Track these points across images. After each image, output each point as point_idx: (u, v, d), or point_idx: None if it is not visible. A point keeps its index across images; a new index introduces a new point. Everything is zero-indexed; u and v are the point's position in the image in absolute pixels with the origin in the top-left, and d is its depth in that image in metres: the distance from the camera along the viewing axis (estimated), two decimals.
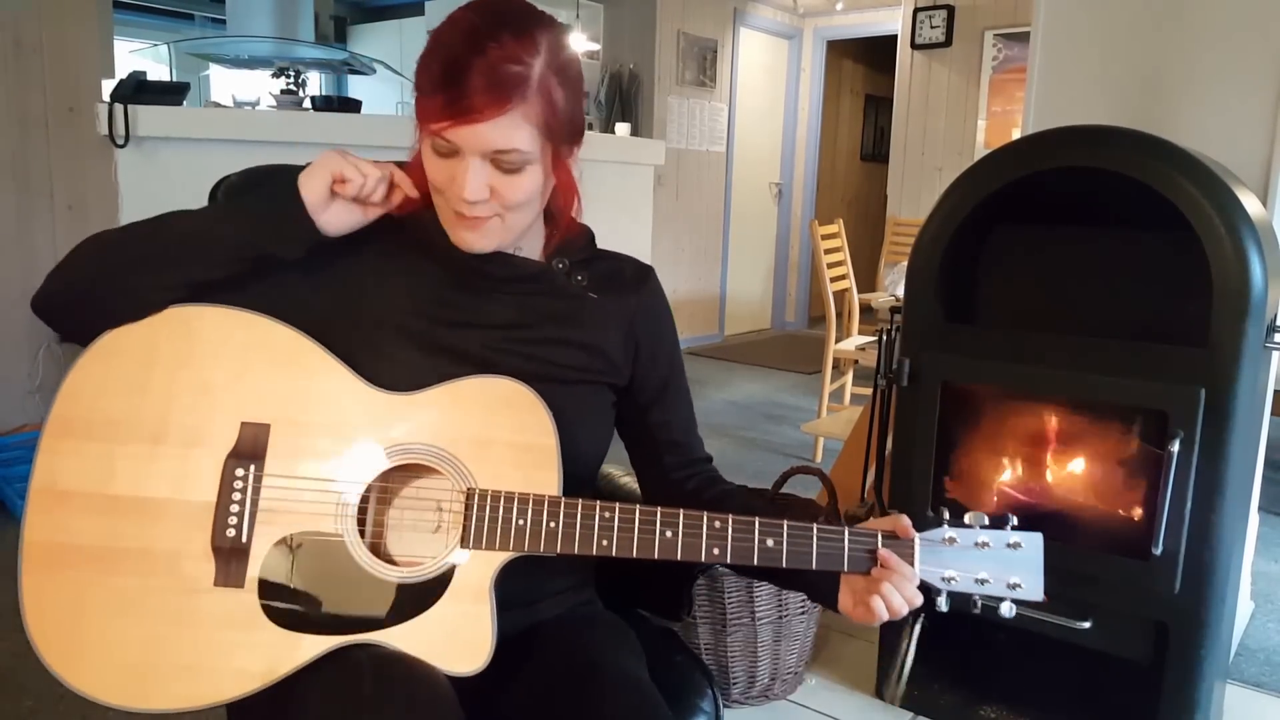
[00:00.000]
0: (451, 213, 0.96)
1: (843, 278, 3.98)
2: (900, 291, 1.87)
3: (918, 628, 1.66)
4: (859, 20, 6.63)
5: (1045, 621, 1.71)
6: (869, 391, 2.11)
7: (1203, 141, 1.88)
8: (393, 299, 1.00)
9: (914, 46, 5.69)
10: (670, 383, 1.13)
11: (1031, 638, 1.74)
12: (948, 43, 5.57)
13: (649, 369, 1.10)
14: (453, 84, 0.89)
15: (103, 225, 0.96)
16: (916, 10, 5.64)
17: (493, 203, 0.94)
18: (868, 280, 5.50)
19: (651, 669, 1.05)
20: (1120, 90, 2.12)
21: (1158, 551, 1.56)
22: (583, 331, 1.05)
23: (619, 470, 1.34)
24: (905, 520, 0.93)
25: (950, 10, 5.52)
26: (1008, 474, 1.84)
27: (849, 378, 4.15)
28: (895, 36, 5.85)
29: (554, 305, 1.05)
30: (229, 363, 0.91)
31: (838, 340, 3.75)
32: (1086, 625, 1.68)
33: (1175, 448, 1.53)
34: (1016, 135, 2.52)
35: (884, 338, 1.84)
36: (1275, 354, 1.65)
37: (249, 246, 0.93)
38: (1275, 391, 1.87)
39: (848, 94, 7.99)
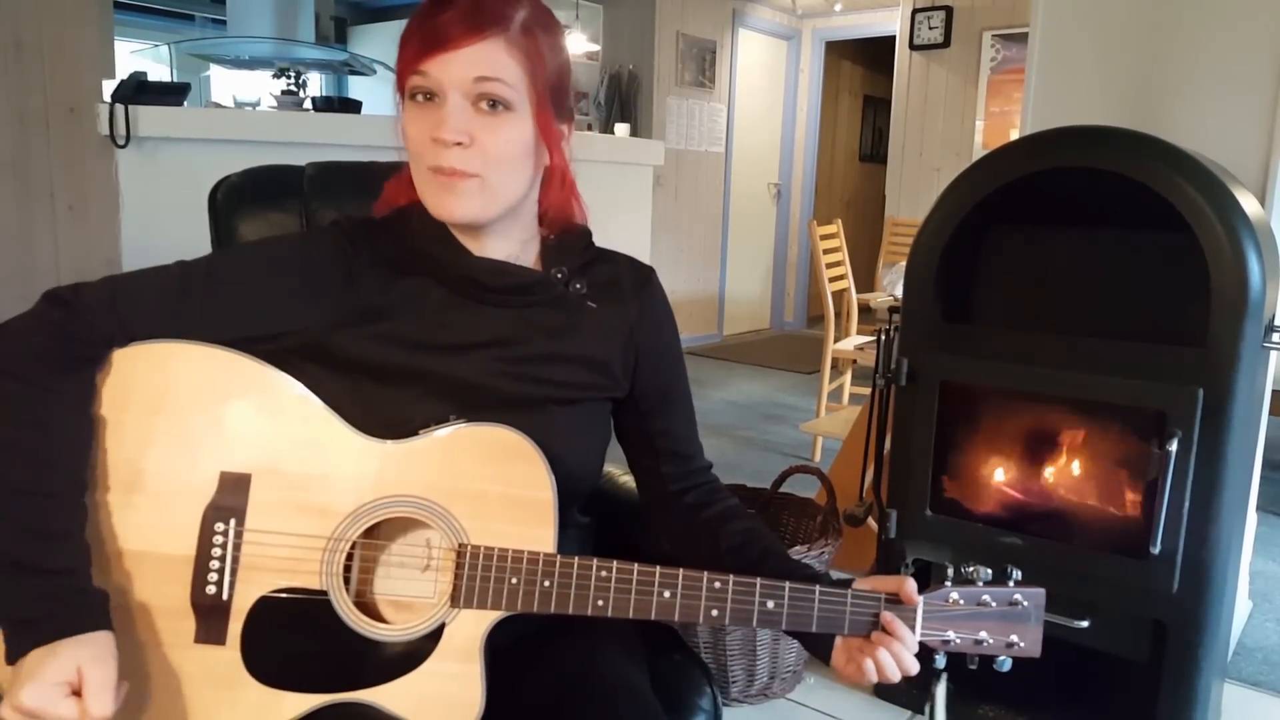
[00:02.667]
0: (430, 177, 0.91)
1: (841, 278, 3.98)
2: (899, 291, 1.87)
3: (942, 688, 1.66)
4: (857, 21, 6.63)
5: (1044, 621, 1.71)
6: (867, 391, 2.11)
7: (1201, 142, 1.89)
8: (388, 329, 0.95)
9: (912, 47, 5.70)
10: (671, 391, 1.09)
11: None
12: (946, 43, 5.57)
13: (650, 377, 1.06)
14: (430, 16, 0.88)
15: (103, 226, 0.93)
16: (915, 11, 5.64)
17: (473, 154, 0.90)
18: (866, 280, 5.51)
19: (651, 668, 1.05)
20: (1118, 90, 2.12)
21: (1156, 551, 1.56)
22: (582, 345, 1.00)
23: (619, 470, 1.32)
24: (911, 585, 0.89)
25: (948, 11, 5.53)
26: (1006, 473, 1.84)
27: (847, 377, 4.16)
28: (894, 37, 5.86)
29: (552, 317, 1.00)
30: (208, 407, 0.86)
31: (836, 340, 3.75)
32: (1085, 624, 1.68)
33: (1173, 447, 1.53)
34: (1015, 136, 2.52)
35: (882, 337, 1.85)
36: (1273, 354, 1.66)
37: None
38: (1273, 391, 1.88)
39: (846, 95, 7.99)
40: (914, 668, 0.89)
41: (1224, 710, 1.89)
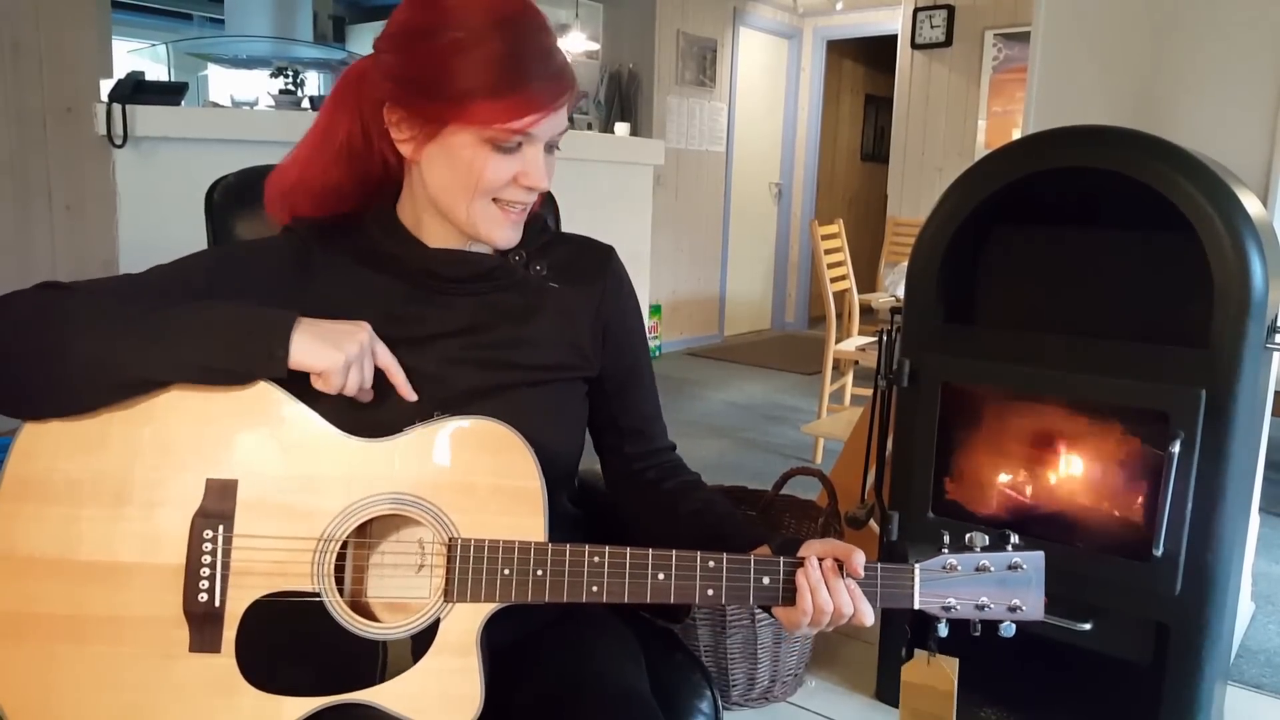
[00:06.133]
0: (494, 211, 0.94)
1: (843, 278, 3.97)
2: (900, 292, 1.86)
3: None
4: (859, 20, 6.63)
5: (1046, 623, 1.70)
6: (869, 392, 2.10)
7: (1203, 141, 1.88)
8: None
9: (914, 46, 5.69)
10: (636, 369, 1.10)
11: (1032, 639, 1.74)
12: (948, 43, 5.56)
13: (616, 356, 1.07)
14: (538, 76, 0.89)
15: (101, 226, 0.93)
16: (916, 10, 5.63)
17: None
18: (868, 280, 5.50)
19: (651, 670, 1.04)
20: (1120, 90, 2.11)
21: (1158, 553, 1.56)
22: (547, 327, 1.01)
23: None
24: (859, 558, 0.89)
25: (950, 10, 5.52)
26: (1008, 475, 1.83)
27: (849, 378, 4.15)
28: (895, 36, 5.85)
29: (514, 301, 1.01)
30: (191, 415, 0.86)
31: (838, 341, 3.74)
32: (1087, 627, 1.67)
33: (1176, 449, 1.52)
34: (1017, 135, 2.51)
35: (884, 338, 1.84)
36: (1276, 355, 1.65)
37: (206, 374, 0.85)
38: (1276, 392, 1.87)
39: (848, 94, 7.98)
40: (847, 609, 0.88)
41: (1226, 713, 1.88)
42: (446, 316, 0.98)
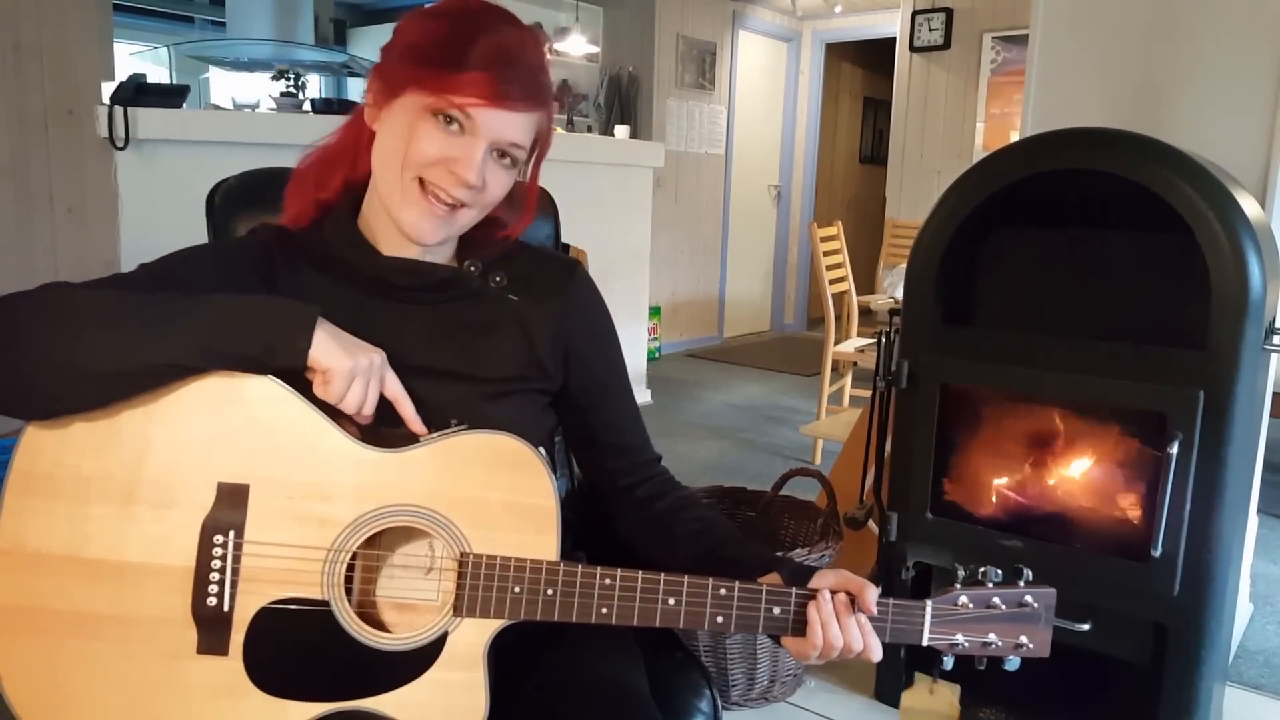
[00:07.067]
0: (417, 194, 0.93)
1: (842, 280, 3.98)
2: (899, 294, 1.87)
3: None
4: (857, 23, 6.64)
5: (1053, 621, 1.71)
6: (868, 393, 2.11)
7: (1201, 144, 1.88)
8: None
9: (912, 49, 5.70)
10: (610, 383, 1.09)
11: None
12: (946, 45, 5.57)
13: (584, 371, 1.06)
14: (502, 65, 0.89)
15: (102, 228, 0.92)
16: (915, 13, 5.64)
17: (475, 192, 0.94)
18: (866, 282, 5.51)
19: (650, 670, 1.05)
20: (1119, 92, 2.12)
21: (1157, 553, 1.56)
22: (505, 339, 1.00)
23: None
24: (872, 595, 0.88)
25: (949, 13, 5.53)
26: (1006, 476, 1.84)
27: (848, 380, 4.15)
28: (894, 39, 5.86)
29: (471, 312, 1.00)
30: (203, 415, 0.85)
31: (837, 342, 3.75)
32: (1086, 627, 1.68)
33: (1174, 450, 1.53)
34: (1015, 137, 2.52)
35: (883, 340, 1.85)
36: (1274, 356, 1.65)
37: (225, 359, 0.84)
38: (1274, 393, 1.88)
39: (846, 96, 7.99)
40: (858, 646, 0.88)
41: (1225, 713, 1.88)
42: (401, 326, 0.97)
